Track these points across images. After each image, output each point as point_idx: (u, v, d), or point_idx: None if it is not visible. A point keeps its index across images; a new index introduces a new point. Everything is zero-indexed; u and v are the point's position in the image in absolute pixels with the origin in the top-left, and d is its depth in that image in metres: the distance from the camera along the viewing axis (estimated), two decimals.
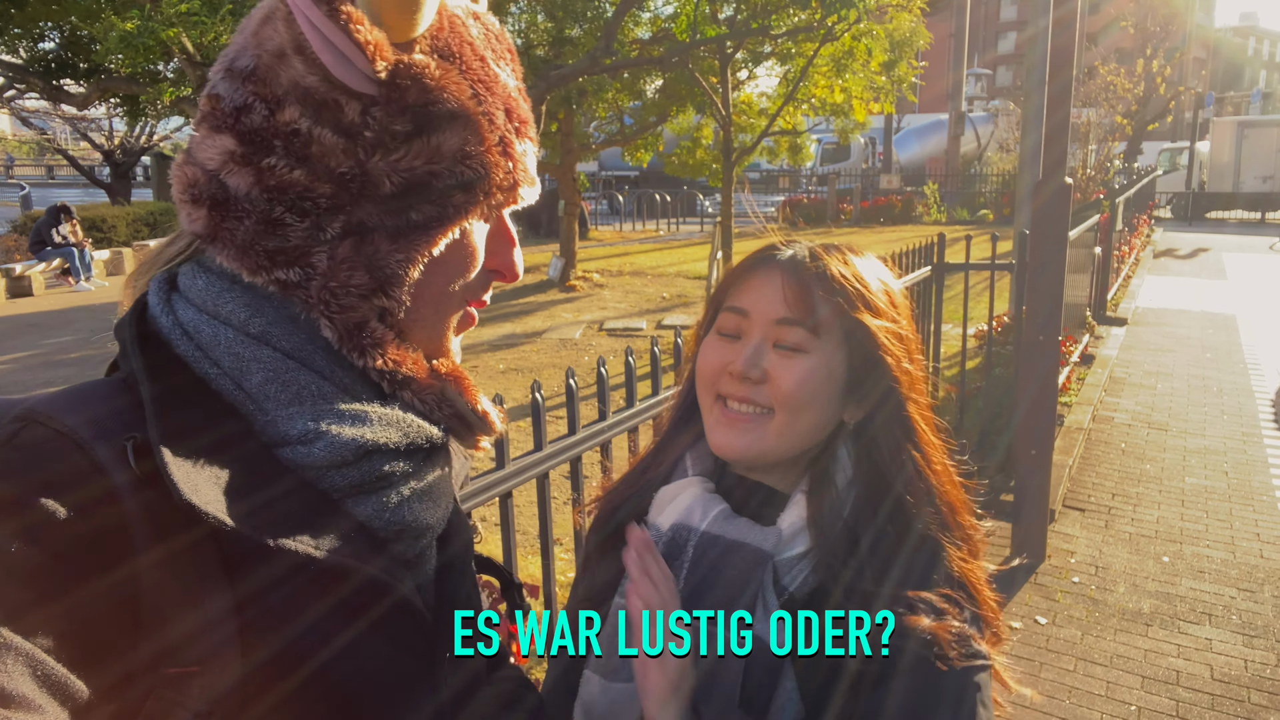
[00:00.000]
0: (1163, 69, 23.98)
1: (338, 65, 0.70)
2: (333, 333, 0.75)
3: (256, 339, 0.74)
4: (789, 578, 1.01)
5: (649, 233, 24.06)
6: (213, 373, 0.73)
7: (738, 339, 1.06)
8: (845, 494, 1.03)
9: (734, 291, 1.07)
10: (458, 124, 0.75)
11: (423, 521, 0.80)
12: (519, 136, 0.81)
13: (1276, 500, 5.53)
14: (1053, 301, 4.81)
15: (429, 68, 0.73)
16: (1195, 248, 19.07)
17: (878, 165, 31.86)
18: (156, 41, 4.85)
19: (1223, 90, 55.47)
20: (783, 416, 1.02)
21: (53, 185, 44.61)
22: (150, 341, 0.73)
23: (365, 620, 0.73)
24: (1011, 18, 69.82)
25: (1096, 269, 9.91)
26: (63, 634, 0.59)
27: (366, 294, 0.75)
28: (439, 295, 0.81)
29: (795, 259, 1.06)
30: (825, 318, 1.02)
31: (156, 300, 0.76)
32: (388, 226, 0.75)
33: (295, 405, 0.74)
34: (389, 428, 0.76)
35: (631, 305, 12.57)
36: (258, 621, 0.67)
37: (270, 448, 0.73)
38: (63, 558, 0.60)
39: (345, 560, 0.71)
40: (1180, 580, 4.53)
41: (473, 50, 0.78)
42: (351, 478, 0.74)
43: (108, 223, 18.99)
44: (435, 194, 0.76)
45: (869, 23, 9.52)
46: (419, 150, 0.74)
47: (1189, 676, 3.71)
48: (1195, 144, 27.67)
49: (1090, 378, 8.02)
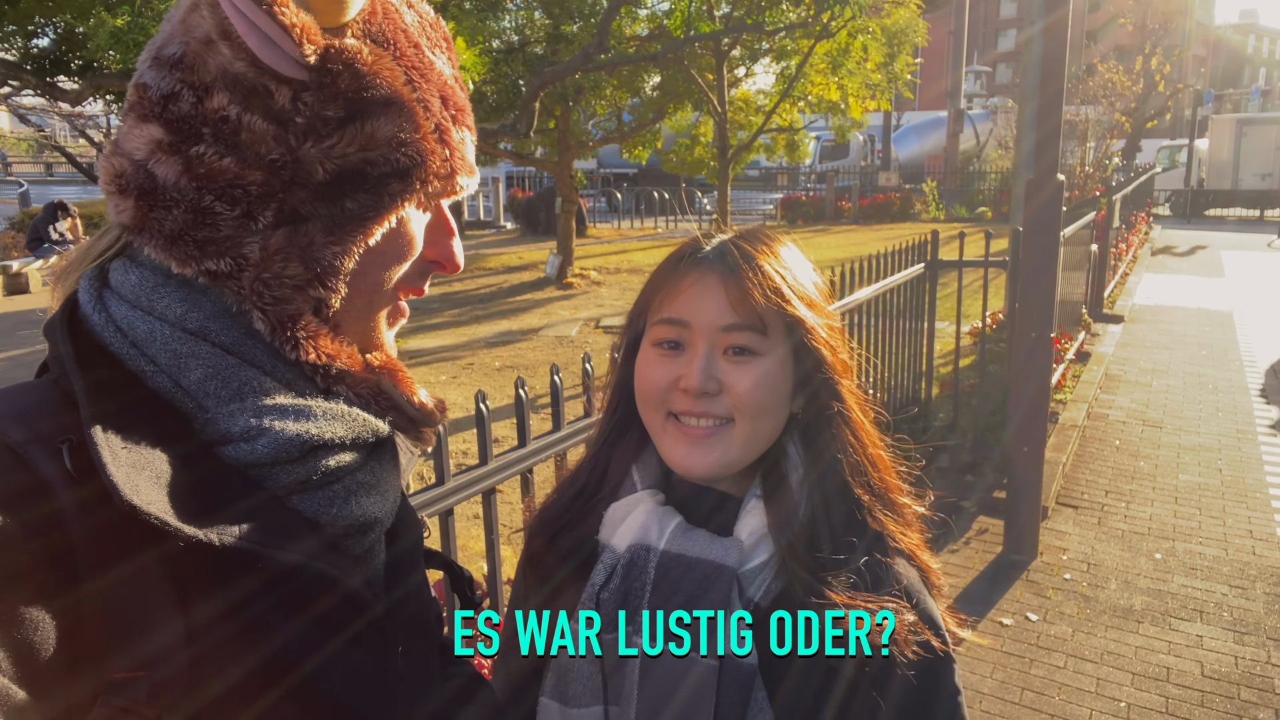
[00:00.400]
0: (1162, 66, 23.93)
1: (265, 50, 0.69)
2: (265, 325, 0.74)
3: (194, 334, 0.72)
4: (753, 588, 0.99)
5: (647, 230, 24.04)
6: (149, 370, 0.71)
7: (680, 350, 1.01)
8: (799, 493, 1.02)
9: (666, 301, 1.02)
10: (392, 110, 0.74)
11: (370, 515, 0.79)
12: (456, 124, 0.80)
13: (1270, 498, 5.52)
14: (1046, 299, 4.80)
15: (361, 53, 0.72)
16: (1193, 245, 19.06)
17: (876, 163, 31.83)
18: (146, 37, 4.83)
19: (1222, 88, 55.41)
20: (744, 424, 1.00)
21: (51, 182, 44.55)
22: (82, 341, 0.71)
23: (316, 617, 0.72)
24: (1011, 15, 69.71)
25: (1093, 266, 9.90)
26: (4, 652, 0.58)
27: (301, 285, 0.74)
28: (373, 286, 0.80)
29: (728, 259, 1.01)
30: (769, 317, 0.99)
31: (87, 297, 0.74)
32: (322, 215, 0.74)
33: (236, 402, 0.72)
34: (333, 422, 0.75)
35: (629, 303, 12.45)
36: (206, 623, 0.66)
37: (212, 446, 0.71)
38: (2, 576, 0.59)
39: (293, 558, 0.70)
40: (1172, 577, 4.53)
41: (406, 37, 0.77)
42: (296, 474, 0.73)
43: (105, 219, 18.96)
44: (370, 182, 0.74)
45: (865, 19, 9.50)
46: (352, 137, 0.73)
47: (1179, 673, 3.71)
48: (1194, 141, 27.65)
49: (1086, 375, 8.01)
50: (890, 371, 5.64)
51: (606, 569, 1.02)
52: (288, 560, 0.70)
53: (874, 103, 12.62)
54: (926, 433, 6.04)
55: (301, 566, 0.71)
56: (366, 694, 0.76)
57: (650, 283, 1.07)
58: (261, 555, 0.68)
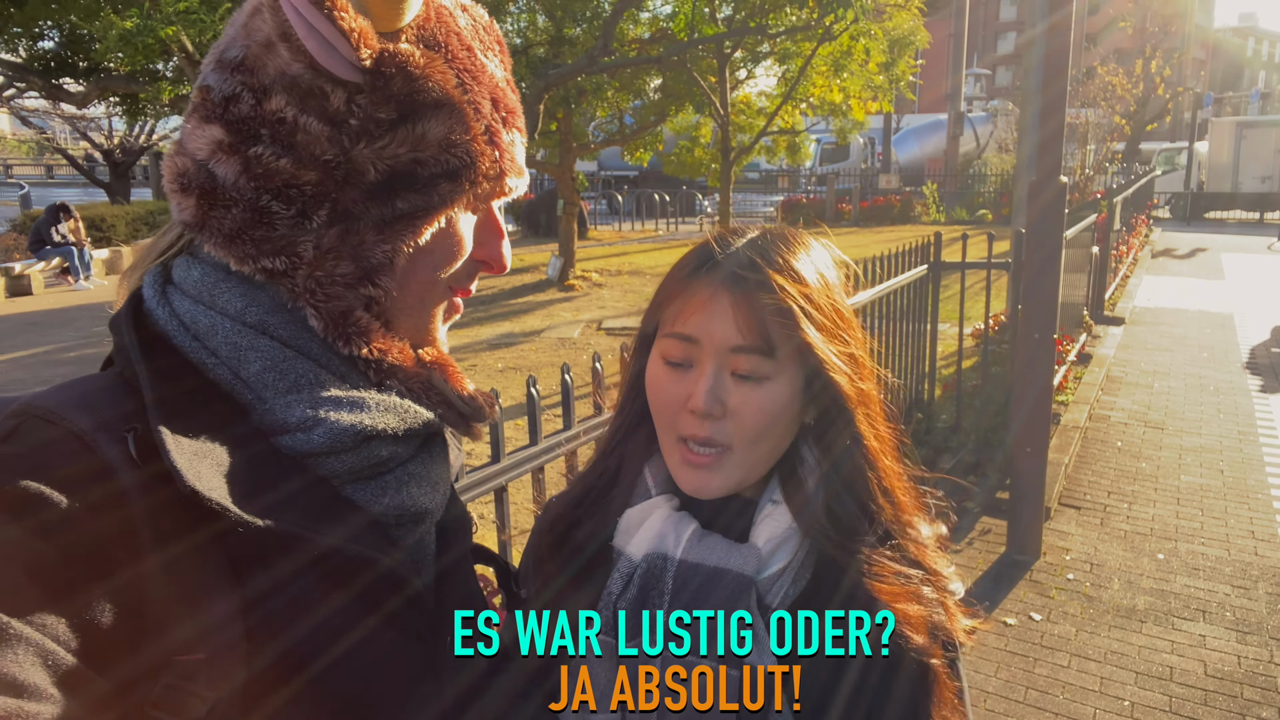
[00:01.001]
0: (1161, 69, 23.99)
1: (322, 53, 0.71)
2: (319, 321, 0.76)
3: (254, 328, 0.75)
4: (770, 595, 0.99)
5: (648, 232, 24.07)
6: (210, 362, 0.74)
7: (689, 368, 1.00)
8: (815, 495, 1.02)
9: (678, 315, 1.00)
10: (443, 112, 0.76)
11: (421, 506, 0.81)
12: (506, 126, 0.82)
13: (1272, 498, 5.54)
14: (1049, 301, 4.83)
15: (413, 56, 0.74)
16: (1193, 247, 19.08)
17: (877, 165, 31.85)
18: (155, 40, 4.86)
19: (1222, 91, 55.48)
20: (743, 450, 0.99)
21: (52, 184, 44.58)
22: (147, 334, 0.74)
23: (366, 602, 0.74)
24: (1011, 18, 69.80)
25: (1094, 268, 9.93)
26: (73, 629, 0.60)
27: (352, 283, 0.76)
28: (424, 284, 0.82)
29: (740, 274, 0.97)
30: (779, 339, 0.96)
31: (152, 293, 0.77)
32: (373, 215, 0.76)
33: (293, 393, 0.75)
34: (386, 413, 0.77)
35: (630, 304, 12.58)
36: (265, 608, 0.68)
37: (269, 435, 0.74)
38: (71, 555, 0.61)
39: (343, 543, 0.72)
40: (1175, 577, 4.55)
41: (459, 40, 0.79)
42: (350, 463, 0.76)
43: (107, 222, 18.98)
44: (420, 183, 0.76)
45: (867, 22, 9.53)
46: (404, 138, 0.75)
47: (1183, 672, 3.73)
48: (1194, 144, 27.68)
49: (1087, 376, 8.04)
50: (893, 373, 5.66)
51: (623, 578, 1.02)
52: (340, 546, 0.72)
53: (876, 105, 12.63)
54: (930, 434, 6.06)
55: (354, 552, 0.73)
56: (417, 687, 0.78)
57: (663, 287, 1.05)
58: (314, 540, 0.70)
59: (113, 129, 24.80)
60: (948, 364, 7.21)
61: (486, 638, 0.84)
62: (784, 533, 1.01)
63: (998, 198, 24.04)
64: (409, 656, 0.78)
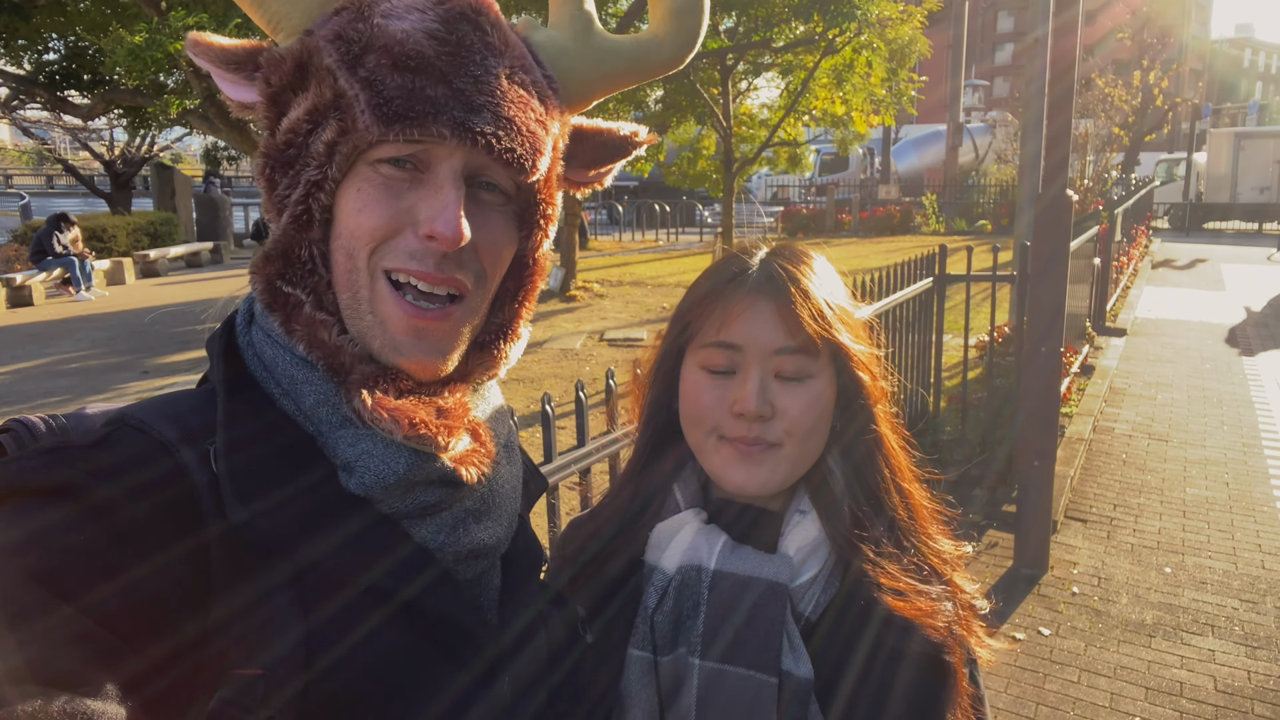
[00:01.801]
0: (1159, 80, 24.06)
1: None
2: (308, 351, 0.82)
3: (304, 360, 0.77)
4: (804, 603, 1.01)
5: (648, 243, 24.09)
6: (276, 393, 0.77)
7: (731, 374, 1.03)
8: (842, 502, 1.05)
9: (720, 325, 1.03)
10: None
11: (479, 543, 0.81)
12: (353, 68, 0.86)
13: (1278, 511, 5.54)
14: (1054, 313, 4.83)
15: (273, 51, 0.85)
16: (1193, 258, 19.11)
17: (876, 176, 31.94)
18: (164, 54, 4.89)
19: (1219, 101, 55.71)
20: (794, 446, 1.02)
21: (52, 195, 44.60)
22: (233, 358, 0.78)
23: (424, 642, 0.76)
24: (1008, 29, 70.12)
25: (1096, 280, 9.95)
26: (138, 631, 0.63)
27: (286, 289, 0.81)
28: (343, 271, 0.85)
29: (776, 282, 1.03)
30: (818, 340, 1.01)
31: (242, 318, 0.81)
32: (277, 204, 0.82)
33: (344, 429, 0.76)
34: (418, 459, 0.77)
35: (632, 315, 12.59)
36: (325, 634, 0.70)
37: (334, 467, 0.76)
38: (143, 560, 0.64)
39: (398, 586, 0.74)
40: (1183, 591, 4.54)
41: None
42: (400, 506, 0.77)
43: (108, 232, 19.00)
44: (285, 160, 0.83)
45: (869, 35, 9.58)
46: (274, 124, 0.81)
47: (1193, 688, 3.72)
48: (1192, 155, 27.77)
49: (1090, 388, 8.04)
50: (898, 385, 5.66)
51: (658, 591, 1.03)
52: (393, 587, 0.73)
53: (878, 117, 12.69)
54: (935, 446, 6.06)
55: (408, 593, 0.74)
56: (467, 714, 0.78)
57: (691, 302, 1.07)
58: (375, 581, 0.72)
59: (114, 140, 24.83)
60: (951, 375, 7.22)
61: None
62: (814, 541, 1.03)
63: (997, 208, 24.11)
64: (463, 689, 0.78)
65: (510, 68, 0.79)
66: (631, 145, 0.95)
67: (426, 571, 0.77)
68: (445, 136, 0.74)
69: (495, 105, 0.76)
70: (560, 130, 0.85)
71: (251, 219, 24.92)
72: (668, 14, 0.95)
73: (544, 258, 0.89)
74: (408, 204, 0.76)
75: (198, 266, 20.65)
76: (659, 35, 0.95)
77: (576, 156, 0.92)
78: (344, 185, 0.77)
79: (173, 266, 19.86)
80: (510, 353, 0.89)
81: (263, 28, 0.82)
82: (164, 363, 10.48)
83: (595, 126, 0.93)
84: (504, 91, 0.77)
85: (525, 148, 0.78)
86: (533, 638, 0.87)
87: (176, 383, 9.37)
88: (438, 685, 0.76)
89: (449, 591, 0.78)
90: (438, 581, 0.77)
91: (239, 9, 2.87)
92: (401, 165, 0.76)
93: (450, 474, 0.78)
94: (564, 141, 0.87)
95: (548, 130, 0.81)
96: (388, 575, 0.73)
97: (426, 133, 0.73)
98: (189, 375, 9.70)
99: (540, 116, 0.80)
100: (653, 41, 0.95)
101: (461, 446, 0.80)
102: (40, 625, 0.59)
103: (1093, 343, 9.64)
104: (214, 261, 21.49)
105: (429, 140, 0.75)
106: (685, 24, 0.95)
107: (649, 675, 1.01)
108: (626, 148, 0.95)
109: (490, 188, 0.80)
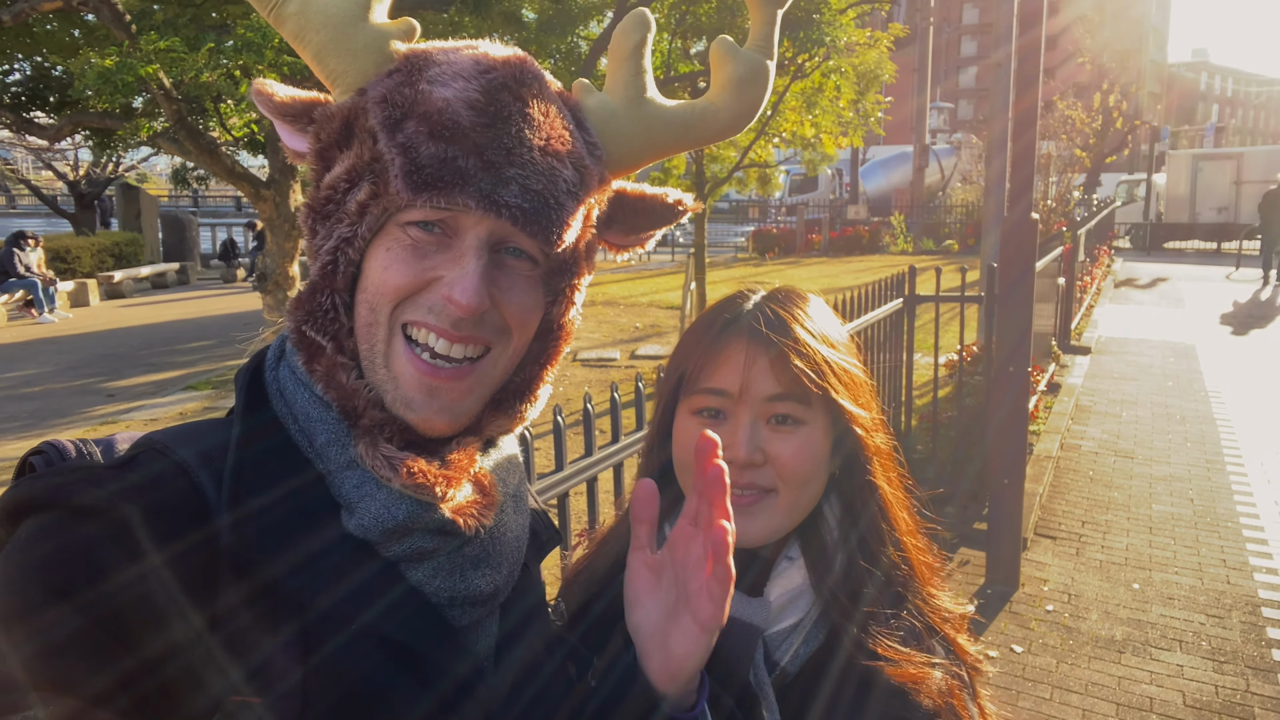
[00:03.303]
0: (1119, 103, 24.61)
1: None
2: (328, 393, 0.84)
3: (321, 400, 0.79)
4: (780, 652, 1.00)
5: (620, 263, 24.15)
6: (293, 429, 0.79)
7: (721, 420, 1.02)
8: (834, 553, 1.03)
9: (707, 370, 1.02)
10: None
11: (477, 589, 0.82)
12: (393, 131, 0.89)
13: (1241, 527, 5.64)
14: (1021, 332, 4.91)
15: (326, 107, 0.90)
16: (1154, 277, 19.48)
17: (844, 196, 32.29)
18: (135, 78, 4.84)
19: (1178, 124, 57.06)
20: (789, 494, 1.01)
21: (14, 215, 43.91)
22: (257, 391, 0.81)
23: (416, 684, 0.76)
24: (971, 53, 71.49)
25: (1060, 299, 10.11)
26: (144, 646, 0.65)
27: (311, 335, 0.85)
28: (364, 323, 0.88)
29: (769, 328, 1.01)
30: (811, 388, 1.00)
31: (273, 354, 0.83)
32: (313, 251, 0.86)
33: (350, 469, 0.78)
34: (417, 507, 0.78)
35: (605, 335, 12.59)
36: (316, 669, 0.71)
37: (338, 506, 0.77)
38: (154, 576, 0.66)
39: (393, 628, 0.75)
40: (1151, 607, 4.61)
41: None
42: (397, 550, 0.78)
43: (72, 253, 18.71)
44: (324, 214, 0.87)
45: (838, 60, 9.72)
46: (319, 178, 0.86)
47: (1162, 703, 3.77)
48: (1152, 176, 28.37)
49: (1057, 406, 8.16)
50: None
51: None
52: (383, 628, 0.75)
53: (846, 139, 12.86)
54: (906, 464, 6.10)
55: (400, 637, 0.76)
56: None
57: (684, 347, 1.07)
58: (358, 618, 0.73)
59: (78, 160, 24.51)
60: (922, 394, 7.29)
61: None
62: (796, 589, 1.02)
63: (963, 228, 24.44)
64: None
65: (547, 139, 0.80)
66: (675, 213, 0.96)
67: (419, 615, 0.78)
68: (471, 207, 0.76)
69: (524, 178, 0.77)
70: (598, 197, 0.87)
71: (219, 240, 24.65)
72: (728, 83, 0.94)
73: (570, 323, 0.90)
74: (432, 264, 0.78)
75: (164, 288, 20.38)
76: (716, 104, 0.95)
77: (618, 220, 0.93)
78: (374, 243, 0.79)
79: (138, 288, 19.59)
80: (528, 413, 0.90)
81: (323, 82, 0.84)
82: (129, 385, 10.33)
83: (639, 191, 0.94)
84: (535, 163, 0.78)
85: (552, 220, 0.79)
86: (528, 686, 0.87)
87: (143, 406, 9.23)
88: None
89: (442, 636, 0.79)
90: (430, 626, 0.78)
91: (210, 34, 2.87)
92: (430, 229, 0.78)
93: (448, 523, 0.79)
94: (601, 208, 0.89)
95: (580, 201, 0.82)
96: (378, 616, 0.74)
97: (453, 202, 0.75)
98: (155, 400, 9.56)
99: (573, 188, 0.81)
100: (708, 109, 0.94)
101: (461, 497, 0.81)
102: (56, 637, 0.62)
103: (1058, 361, 9.79)
104: (180, 283, 21.23)
105: (455, 209, 0.77)
106: (746, 95, 0.95)
107: None
108: (669, 215, 0.96)
109: (518, 253, 0.81)
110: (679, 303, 12.75)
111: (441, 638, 0.79)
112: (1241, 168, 27.22)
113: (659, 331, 12.85)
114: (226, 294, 19.61)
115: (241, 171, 6.86)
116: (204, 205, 43.45)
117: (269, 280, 7.06)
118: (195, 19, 6.06)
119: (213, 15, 6.75)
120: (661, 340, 12.04)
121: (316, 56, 0.81)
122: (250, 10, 6.12)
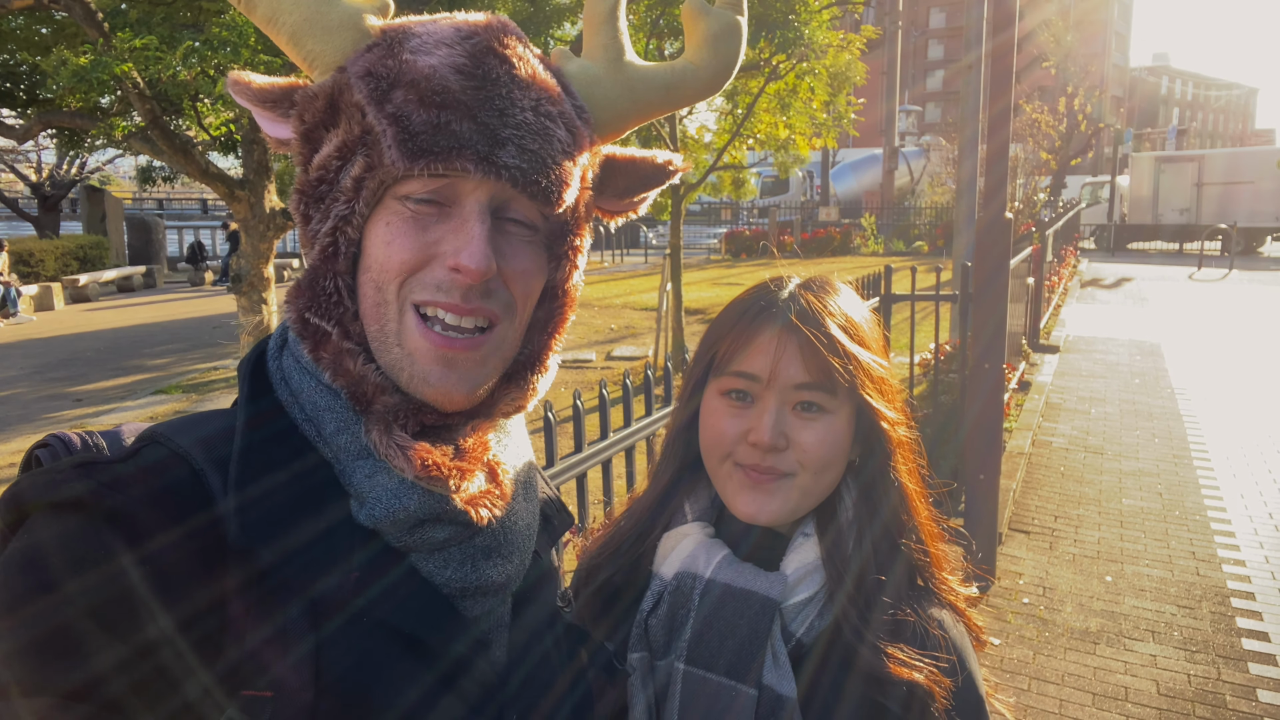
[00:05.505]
0: (1084, 107, 25.00)
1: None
2: (335, 380, 0.84)
3: (329, 389, 0.78)
4: (795, 623, 1.02)
5: (593, 265, 24.15)
6: (300, 418, 0.77)
7: (748, 403, 1.05)
8: (849, 536, 1.06)
9: (739, 354, 1.05)
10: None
11: (488, 580, 0.81)
12: (380, 103, 0.89)
13: (1209, 520, 5.76)
14: (996, 330, 4.98)
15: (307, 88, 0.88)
16: (1119, 277, 19.82)
17: (816, 198, 32.54)
18: (110, 76, 4.77)
19: (1140, 127, 58.07)
20: (807, 478, 1.03)
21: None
22: (260, 381, 0.79)
23: (428, 676, 0.76)
24: (939, 56, 72.33)
25: (1030, 299, 10.27)
26: (150, 640, 0.64)
27: (314, 320, 0.84)
28: (371, 303, 0.87)
29: (801, 317, 1.04)
30: (838, 378, 1.02)
31: (274, 344, 0.82)
32: (309, 237, 0.85)
33: (361, 459, 0.77)
34: (427, 498, 0.78)
35: (580, 337, 12.59)
36: (328, 661, 0.70)
37: (347, 496, 0.76)
38: (160, 568, 0.66)
39: (404, 619, 0.75)
40: (1123, 599, 4.70)
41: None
42: (408, 541, 0.77)
43: (35, 256, 18.40)
44: (317, 194, 0.87)
45: (812, 61, 9.80)
46: (307, 160, 0.86)
47: (1137, 692, 3.85)
48: (1116, 178, 28.86)
49: (1028, 403, 8.28)
50: None
51: (654, 595, 1.06)
52: (394, 620, 0.75)
53: (820, 140, 12.95)
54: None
55: (410, 628, 0.76)
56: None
57: (716, 330, 1.09)
58: (368, 609, 0.73)
59: (41, 162, 24.10)
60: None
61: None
62: (812, 563, 1.05)
63: (933, 229, 24.71)
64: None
65: (537, 99, 0.79)
66: (665, 173, 0.95)
67: (430, 606, 0.77)
68: (469, 171, 0.74)
69: (520, 139, 0.76)
70: (590, 160, 0.86)
71: (186, 242, 24.34)
72: (703, 41, 0.95)
73: (574, 288, 0.88)
74: (434, 237, 0.76)
75: (130, 291, 20.09)
76: (694, 62, 0.96)
77: (609, 185, 0.91)
78: (372, 220, 0.78)
79: (104, 291, 19.30)
80: (539, 385, 0.88)
81: (300, 66, 0.82)
82: (97, 389, 10.17)
83: (628, 155, 0.93)
84: (529, 124, 0.77)
85: (550, 180, 0.78)
86: (540, 675, 0.87)
87: (113, 410, 9.10)
88: (443, 716, 0.76)
89: (453, 626, 0.78)
90: (442, 616, 0.78)
91: (188, 33, 2.84)
92: (428, 200, 0.77)
93: (460, 514, 0.79)
94: (594, 171, 0.87)
95: (575, 161, 0.81)
96: (390, 608, 0.74)
97: (451, 167, 0.74)
98: (124, 404, 9.43)
99: (567, 148, 0.80)
100: (687, 69, 0.95)
101: (474, 487, 0.80)
102: (36, 633, 0.62)
103: (1029, 359, 9.93)
104: (147, 286, 20.94)
105: (454, 174, 0.75)
106: (721, 51, 0.95)
107: (647, 678, 1.04)
108: (660, 175, 0.95)
109: (518, 220, 0.80)
110: (654, 304, 12.77)
111: (453, 629, 0.78)
112: (1202, 170, 27.79)
113: (634, 333, 12.87)
114: (195, 297, 19.38)
115: (215, 172, 6.78)
116: (169, 208, 42.86)
117: (243, 282, 6.99)
118: (168, 18, 5.98)
119: (185, 14, 6.67)
120: (637, 341, 12.06)
121: (292, 39, 0.79)
122: (223, 9, 6.05)
